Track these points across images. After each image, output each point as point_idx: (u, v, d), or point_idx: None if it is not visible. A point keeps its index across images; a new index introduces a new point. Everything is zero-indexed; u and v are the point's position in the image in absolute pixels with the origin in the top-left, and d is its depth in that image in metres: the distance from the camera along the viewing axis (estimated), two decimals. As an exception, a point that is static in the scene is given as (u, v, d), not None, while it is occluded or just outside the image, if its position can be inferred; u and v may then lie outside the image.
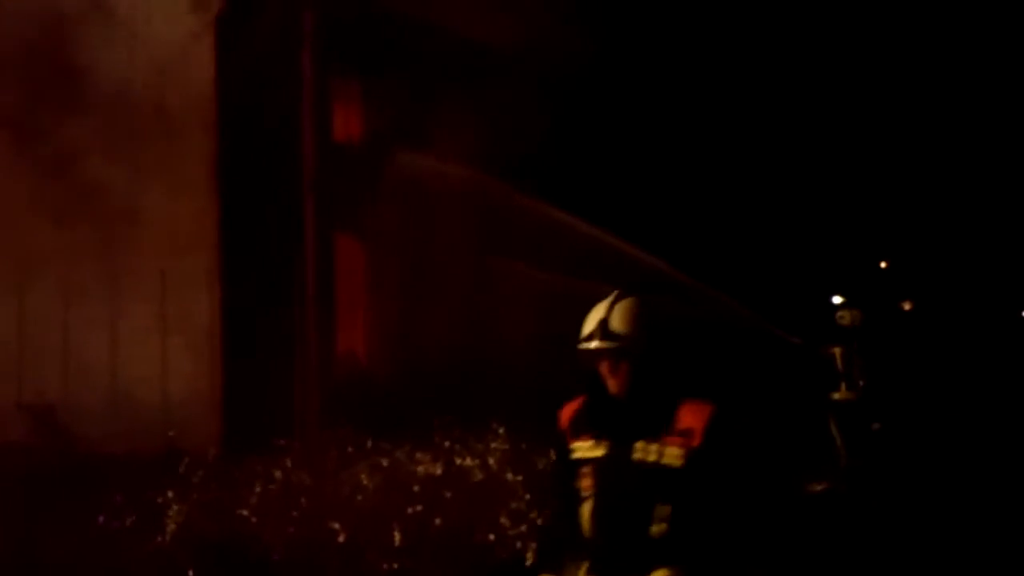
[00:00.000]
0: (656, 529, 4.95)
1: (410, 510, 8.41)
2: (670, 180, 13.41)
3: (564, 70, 11.97)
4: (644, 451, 5.01)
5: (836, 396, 10.34)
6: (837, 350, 10.46)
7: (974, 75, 15.85)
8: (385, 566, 8.34)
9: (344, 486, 8.68)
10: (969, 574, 8.03)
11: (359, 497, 8.57)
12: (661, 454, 5.00)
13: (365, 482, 8.68)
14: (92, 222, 10.23)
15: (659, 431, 5.02)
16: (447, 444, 8.87)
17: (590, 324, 5.19)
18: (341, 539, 8.43)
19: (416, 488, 8.53)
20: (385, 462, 8.73)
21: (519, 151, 12.22)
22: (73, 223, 10.22)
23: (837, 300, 11.06)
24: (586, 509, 5.07)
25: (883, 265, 17.46)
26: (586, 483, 5.08)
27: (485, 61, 12.25)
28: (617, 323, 5.15)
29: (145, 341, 10.29)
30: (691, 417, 5.07)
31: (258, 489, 8.69)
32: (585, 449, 5.14)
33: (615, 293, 5.32)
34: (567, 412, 5.27)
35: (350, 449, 8.98)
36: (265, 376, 10.44)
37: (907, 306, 16.41)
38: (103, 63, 10.35)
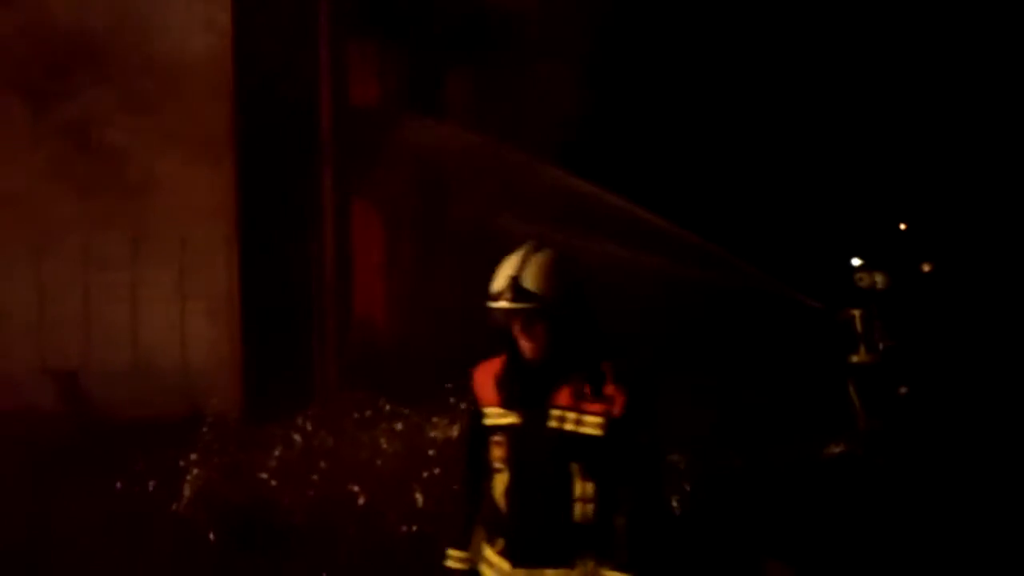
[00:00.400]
0: (579, 512, 4.42)
1: (427, 473, 8.45)
2: (688, 143, 13.37)
3: (586, 36, 11.93)
4: (560, 419, 4.47)
5: (855, 359, 10.33)
6: (856, 312, 10.43)
7: (996, 38, 15.71)
8: (404, 529, 8.38)
9: (363, 449, 8.72)
10: (986, 542, 8.02)
11: (378, 461, 8.61)
12: (579, 422, 4.46)
13: (384, 445, 8.71)
14: (112, 190, 10.29)
15: (578, 398, 4.47)
16: (462, 407, 8.90)
17: (500, 280, 4.61)
18: (360, 502, 8.48)
19: (432, 452, 8.57)
20: (401, 425, 8.77)
21: (539, 118, 12.22)
22: (93, 191, 10.29)
23: (856, 262, 11.01)
24: (499, 482, 4.55)
25: (902, 227, 17.38)
26: (498, 453, 4.54)
27: (503, 26, 12.20)
28: (530, 280, 4.56)
29: (165, 307, 10.35)
30: (613, 383, 4.51)
31: (277, 453, 8.73)
32: (497, 416, 4.59)
33: (527, 245, 4.73)
34: (481, 373, 4.74)
35: (368, 413, 9.01)
36: (284, 341, 10.50)
37: (927, 268, 16.33)
38: (121, 31, 10.37)
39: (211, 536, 8.55)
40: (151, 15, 10.51)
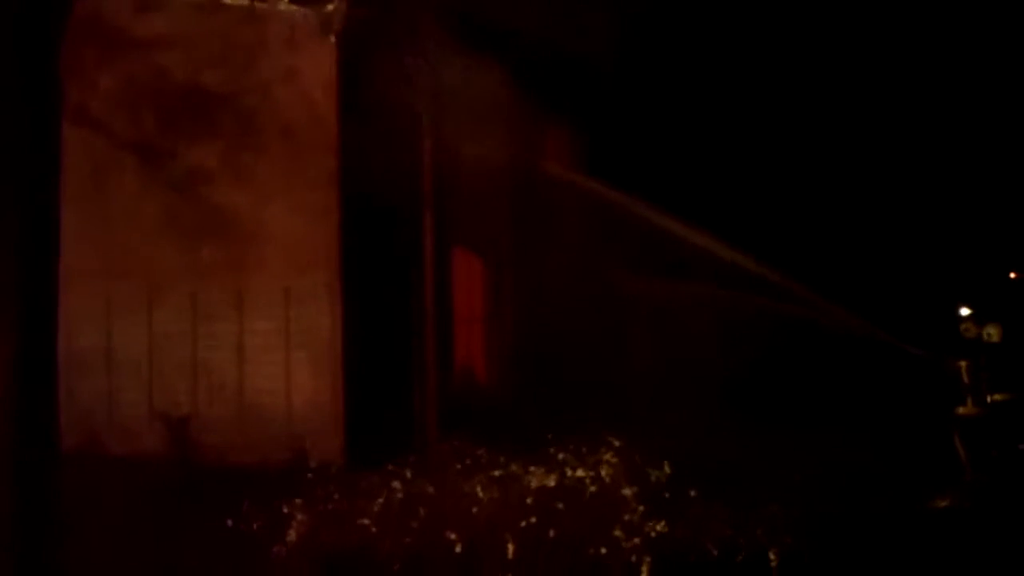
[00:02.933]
0: None
1: (524, 522, 8.50)
2: (787, 184, 13.29)
3: (674, 74, 11.96)
4: None
5: (962, 411, 10.16)
6: (963, 363, 10.26)
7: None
8: (500, 577, 8.45)
9: (461, 498, 8.80)
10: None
11: (475, 509, 8.68)
12: None
13: (481, 494, 8.78)
14: (219, 241, 10.56)
15: None
16: (561, 456, 8.94)
17: None
18: (458, 550, 8.56)
19: (530, 500, 8.61)
20: (499, 474, 8.83)
21: (630, 159, 12.27)
22: (200, 242, 10.57)
23: (964, 312, 10.83)
24: None
25: (1012, 275, 16.99)
26: None
27: (595, 73, 12.31)
28: None
29: (269, 356, 10.55)
30: None
31: (378, 500, 8.86)
32: None
33: None
34: None
35: (467, 461, 9.10)
36: (385, 389, 10.63)
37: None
38: (228, 85, 10.67)
39: (313, 581, 8.71)
40: (259, 70, 10.78)
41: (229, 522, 8.86)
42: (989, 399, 10.26)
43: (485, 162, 12.08)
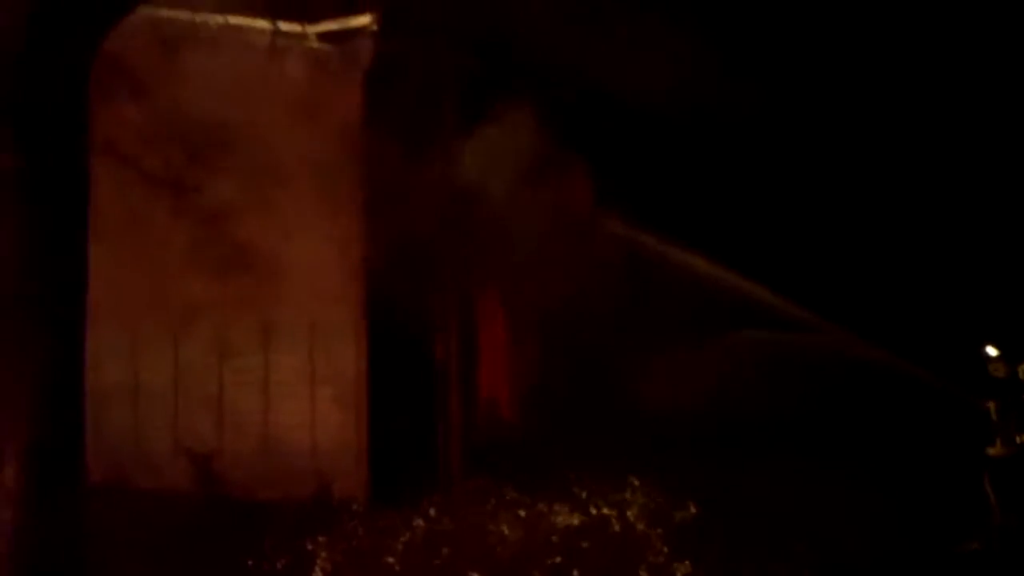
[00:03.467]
0: None
1: (549, 561, 8.45)
2: (819, 221, 13.23)
3: (707, 119, 11.96)
4: None
5: (991, 452, 10.04)
6: (992, 404, 10.16)
7: None
8: (524, 615, 8.39)
9: (485, 536, 8.76)
10: None
11: (499, 547, 8.64)
12: None
13: (505, 532, 8.75)
14: (244, 276, 10.59)
15: None
16: (584, 495, 8.90)
17: None
18: (482, 588, 8.52)
19: (554, 539, 8.57)
20: (523, 513, 8.80)
21: (660, 200, 12.25)
22: (227, 277, 10.60)
23: (992, 352, 10.73)
24: None
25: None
26: None
27: (623, 111, 12.32)
28: None
29: (295, 391, 10.56)
30: None
31: (402, 538, 8.83)
32: None
33: None
34: None
35: (491, 499, 9.08)
36: (409, 427, 10.62)
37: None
38: (255, 120, 10.73)
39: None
40: (286, 105, 10.85)
41: (253, 558, 8.83)
42: (1019, 439, 10.15)
43: (510, 199, 12.09)
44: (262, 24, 10.70)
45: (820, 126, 13.28)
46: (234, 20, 10.69)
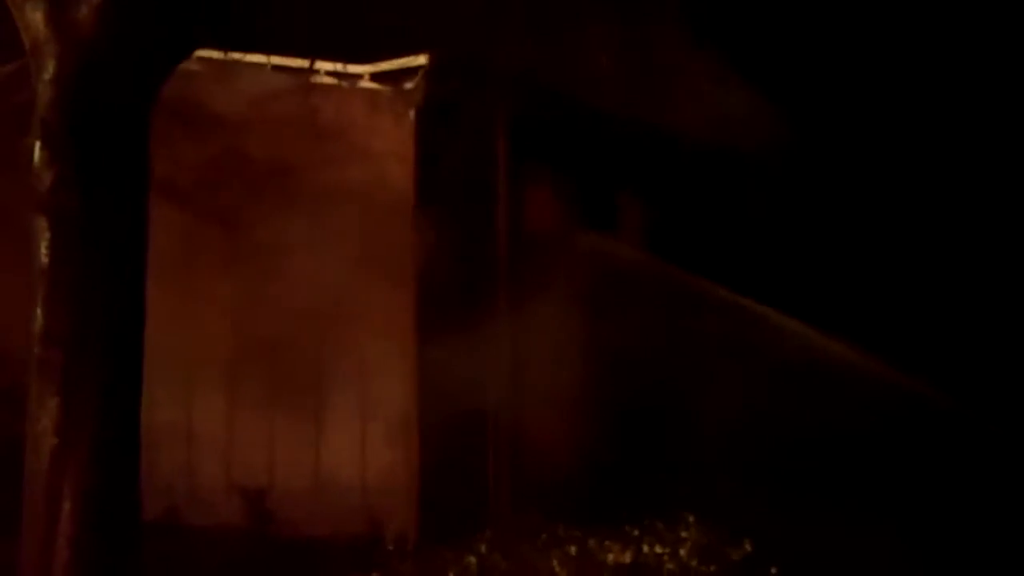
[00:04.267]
0: None
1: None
2: (879, 253, 13.13)
3: (753, 154, 11.95)
4: None
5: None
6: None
7: None
8: (577, 654, 8.35)
9: (536, 573, 8.74)
10: None
11: (551, 585, 8.63)
12: None
13: (556, 569, 8.72)
14: (299, 311, 10.67)
15: None
16: (636, 532, 8.86)
17: None
18: (534, 627, 8.49)
19: (606, 576, 8.55)
20: (574, 550, 8.76)
21: (708, 233, 12.24)
22: (281, 312, 10.68)
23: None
24: None
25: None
26: None
27: (671, 150, 12.34)
28: None
29: (346, 428, 10.61)
30: None
31: (452, 574, 8.82)
32: None
33: None
34: None
35: (542, 535, 9.05)
36: (459, 463, 10.63)
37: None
38: (308, 159, 10.85)
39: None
40: (339, 145, 10.96)
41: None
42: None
43: (560, 236, 12.12)
44: (317, 64, 10.86)
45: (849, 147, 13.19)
46: (289, 61, 10.85)
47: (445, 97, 11.02)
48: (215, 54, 10.59)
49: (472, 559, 8.86)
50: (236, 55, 10.72)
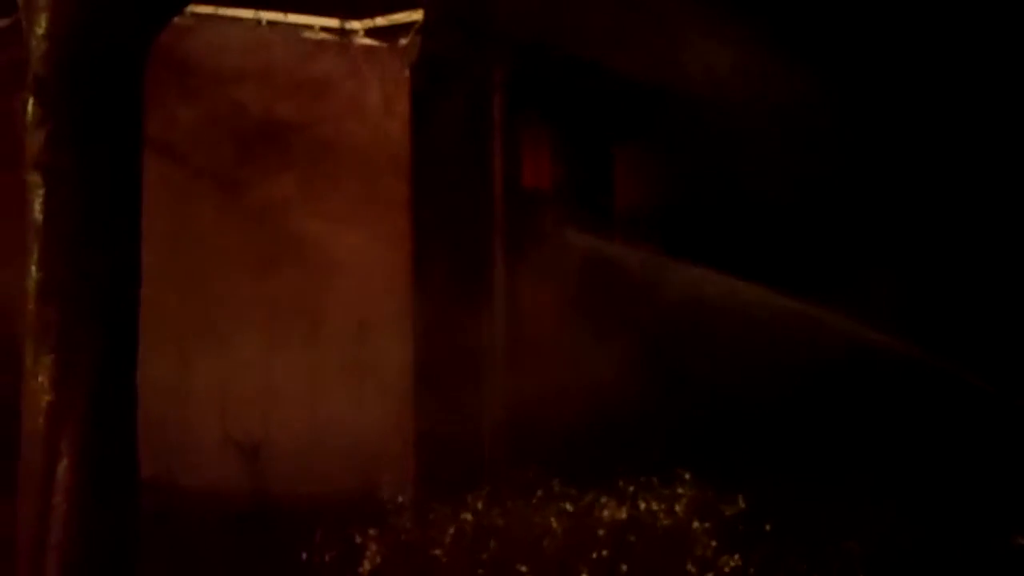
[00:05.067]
0: None
1: (596, 555, 8.46)
2: (870, 213, 13.14)
3: (749, 116, 11.93)
4: None
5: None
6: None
7: None
8: (572, 610, 8.40)
9: (532, 529, 8.78)
10: None
11: (546, 541, 8.66)
12: None
13: (553, 525, 8.76)
14: (293, 270, 10.67)
15: None
16: (632, 489, 8.90)
17: None
18: (530, 582, 8.54)
19: (602, 533, 8.57)
20: (570, 506, 8.80)
21: (702, 198, 12.23)
22: (276, 272, 10.68)
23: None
24: None
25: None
26: None
27: (670, 106, 12.31)
28: None
29: (342, 385, 10.62)
30: None
31: (450, 530, 8.86)
32: None
33: None
34: None
35: (538, 492, 9.09)
36: (456, 419, 10.67)
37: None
38: (304, 116, 10.81)
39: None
40: (334, 101, 10.91)
41: (302, 552, 8.90)
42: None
43: (556, 192, 12.12)
44: (310, 20, 10.78)
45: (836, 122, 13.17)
46: (282, 16, 10.77)
47: (440, 53, 10.96)
48: (208, 9, 10.52)
49: (468, 515, 8.89)
50: (229, 11, 10.65)
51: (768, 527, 8.74)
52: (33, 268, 6.39)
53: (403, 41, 10.91)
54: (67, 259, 6.44)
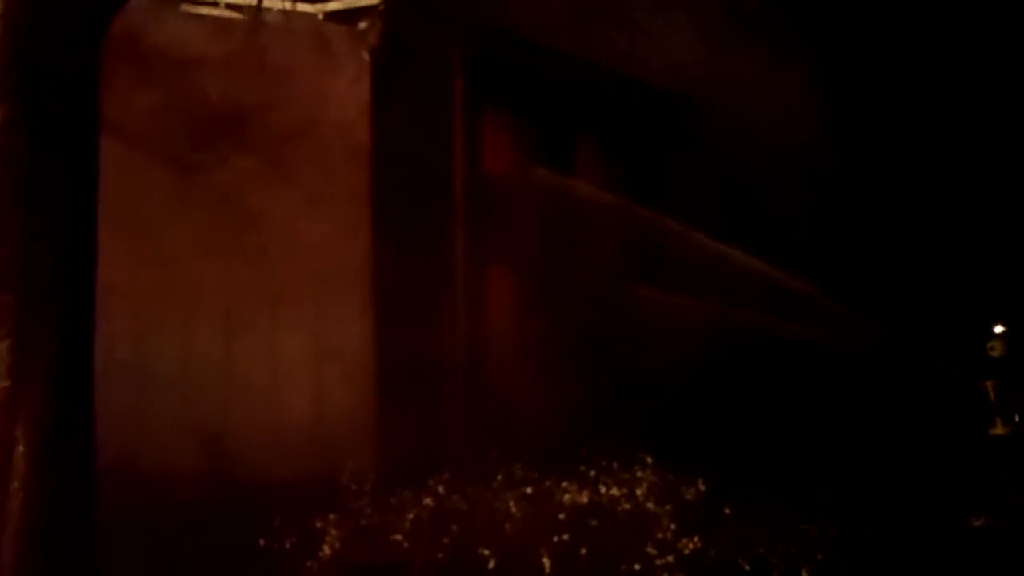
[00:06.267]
0: None
1: (556, 538, 8.49)
2: (823, 200, 13.23)
3: (709, 97, 11.97)
4: None
5: (993, 432, 10.05)
6: (989, 383, 10.15)
7: None
8: (533, 594, 8.43)
9: (493, 514, 8.80)
10: None
11: (508, 525, 8.68)
12: None
13: (514, 510, 8.78)
14: (253, 256, 10.61)
15: None
16: (592, 473, 8.93)
17: None
18: (491, 566, 8.55)
19: (562, 517, 8.61)
20: (532, 490, 8.83)
21: (667, 180, 12.26)
22: (235, 257, 10.61)
23: (999, 330, 10.72)
24: None
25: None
26: None
27: (627, 90, 12.34)
28: None
29: (303, 370, 10.59)
30: None
31: (411, 515, 8.86)
32: None
33: None
34: None
35: (499, 477, 9.11)
36: (417, 405, 10.67)
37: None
38: (263, 103, 10.74)
39: (345, 597, 8.72)
40: (293, 86, 10.85)
41: (262, 538, 8.87)
42: (1018, 418, 10.14)
43: (517, 178, 12.12)
44: (270, 3, 10.71)
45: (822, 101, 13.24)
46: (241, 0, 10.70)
47: (400, 37, 10.92)
48: (166, -8, 10.45)
49: (429, 500, 8.90)
50: (188, -7, 10.59)
51: (728, 510, 8.79)
52: (-13, 252, 6.34)
53: (362, 25, 10.88)
54: (23, 244, 6.39)
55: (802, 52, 12.76)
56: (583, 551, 8.48)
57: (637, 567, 8.46)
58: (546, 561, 8.44)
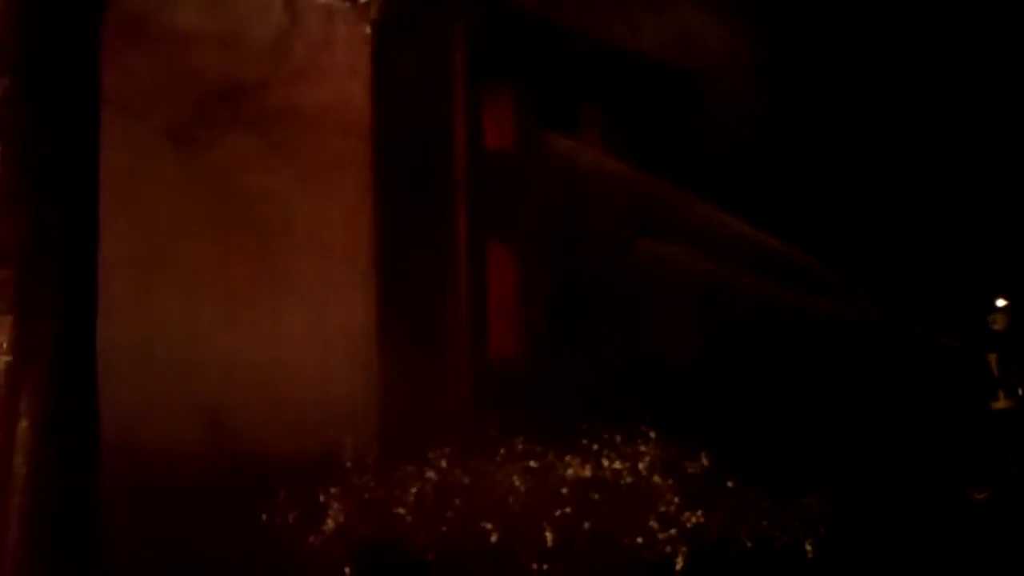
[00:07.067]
0: None
1: (559, 512, 8.51)
2: (824, 172, 13.21)
3: (708, 71, 11.93)
4: None
5: (996, 405, 10.06)
6: (992, 356, 10.15)
7: None
8: (535, 567, 8.45)
9: (496, 487, 8.82)
10: None
11: (510, 499, 8.70)
12: None
13: (517, 483, 8.80)
14: (255, 230, 10.59)
15: None
16: (595, 447, 8.95)
17: None
18: (493, 539, 8.57)
19: (565, 490, 8.62)
20: (535, 464, 8.84)
21: (669, 151, 12.24)
22: (236, 232, 10.59)
23: (1001, 303, 10.72)
24: None
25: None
26: None
27: (628, 62, 12.29)
28: None
29: (305, 344, 10.58)
30: None
31: (413, 489, 8.88)
32: None
33: None
34: None
35: (502, 450, 9.12)
36: (420, 378, 10.66)
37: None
38: (264, 77, 10.69)
39: (347, 570, 8.75)
40: (294, 59, 10.80)
41: (265, 512, 8.90)
42: (1021, 392, 10.15)
43: (519, 151, 12.09)
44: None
45: (809, 74, 13.20)
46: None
47: (401, 10, 10.87)
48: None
49: (432, 474, 8.92)
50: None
51: (730, 484, 8.81)
52: (-10, 227, 6.34)
53: (364, -2, 10.82)
54: (24, 218, 6.39)
55: (801, 21, 12.71)
56: (586, 525, 8.51)
57: (640, 540, 8.48)
58: (549, 535, 8.46)
